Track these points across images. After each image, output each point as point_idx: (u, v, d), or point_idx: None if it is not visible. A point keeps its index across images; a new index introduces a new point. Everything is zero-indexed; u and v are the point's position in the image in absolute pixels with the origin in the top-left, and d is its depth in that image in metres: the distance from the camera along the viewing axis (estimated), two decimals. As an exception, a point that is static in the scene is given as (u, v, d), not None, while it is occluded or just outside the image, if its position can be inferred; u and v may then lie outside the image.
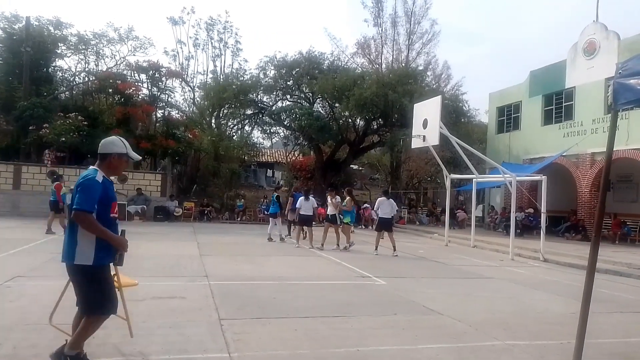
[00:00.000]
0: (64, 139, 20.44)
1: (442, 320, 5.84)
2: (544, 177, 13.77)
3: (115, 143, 3.69)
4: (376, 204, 13.35)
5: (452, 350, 4.65)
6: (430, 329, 5.38)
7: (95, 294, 3.48)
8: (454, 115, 23.70)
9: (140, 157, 3.91)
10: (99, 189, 3.43)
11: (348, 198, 13.62)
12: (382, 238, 12.59)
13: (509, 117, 23.28)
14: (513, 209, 14.39)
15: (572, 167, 19.05)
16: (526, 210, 19.81)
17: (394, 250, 12.25)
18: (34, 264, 8.28)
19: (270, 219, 14.70)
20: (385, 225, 12.64)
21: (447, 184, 16.78)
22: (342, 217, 13.32)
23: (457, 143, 14.22)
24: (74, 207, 3.34)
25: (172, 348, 4.31)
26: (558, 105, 20.21)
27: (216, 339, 4.64)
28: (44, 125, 20.35)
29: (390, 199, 13.06)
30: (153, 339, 4.52)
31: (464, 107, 26.20)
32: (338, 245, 13.05)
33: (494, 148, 23.72)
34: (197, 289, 6.89)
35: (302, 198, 13.63)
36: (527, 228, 18.99)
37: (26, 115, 20.94)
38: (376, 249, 12.43)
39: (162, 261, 9.47)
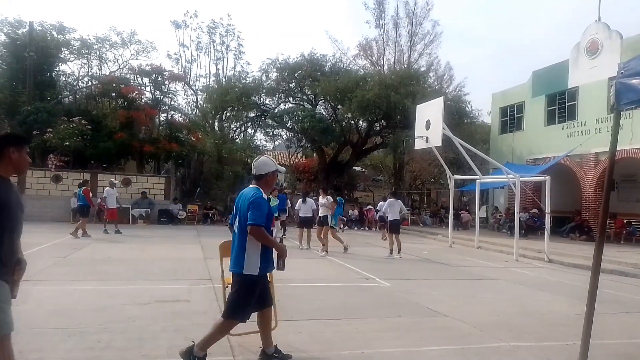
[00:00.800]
0: (67, 143, 20.52)
1: (447, 321, 5.82)
2: (547, 177, 13.73)
3: (268, 163, 4.06)
4: (385, 204, 13.16)
5: (457, 352, 4.64)
6: (435, 331, 5.36)
7: (248, 303, 3.85)
8: (457, 116, 23.67)
9: (285, 169, 4.29)
10: (266, 205, 3.87)
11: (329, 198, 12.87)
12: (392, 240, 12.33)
13: (512, 118, 23.24)
14: (517, 209, 14.34)
15: (576, 167, 19.00)
16: (530, 211, 19.76)
17: (399, 252, 12.20)
18: (38, 269, 8.30)
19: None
20: (397, 227, 12.45)
21: (451, 185, 16.74)
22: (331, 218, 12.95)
23: (460, 144, 14.19)
24: (249, 222, 3.73)
25: (177, 352, 4.30)
26: (561, 105, 20.16)
27: (221, 342, 4.61)
28: (48, 130, 20.43)
29: (399, 200, 12.99)
30: (158, 343, 4.53)
31: (466, 108, 26.18)
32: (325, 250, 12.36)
33: (497, 149, 23.67)
34: (202, 292, 6.90)
35: (300, 200, 13.56)
36: (532, 229, 18.93)
37: (30, 120, 21.04)
38: (391, 252, 12.17)
39: (166, 264, 9.49)
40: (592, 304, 3.78)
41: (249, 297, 3.84)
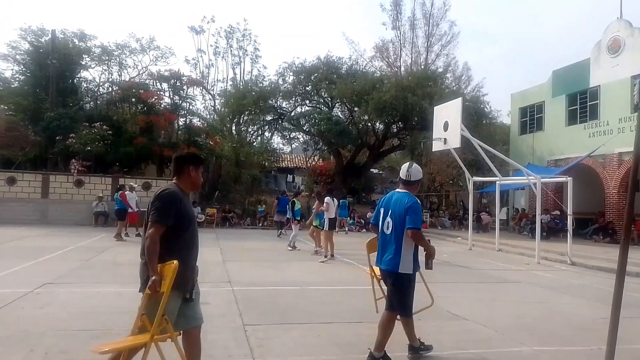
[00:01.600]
0: (89, 148, 20.95)
1: (467, 325, 5.76)
2: (569, 178, 13.48)
3: (420, 171, 4.44)
4: None
5: (478, 357, 4.58)
6: (456, 335, 5.31)
7: (410, 298, 4.23)
8: (475, 117, 23.45)
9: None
10: (421, 209, 4.23)
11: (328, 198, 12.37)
12: None
13: (532, 118, 22.90)
14: (538, 211, 14.09)
15: (599, 167, 18.61)
16: (552, 213, 19.41)
17: None
18: (63, 272, 8.48)
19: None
20: None
21: (470, 186, 16.56)
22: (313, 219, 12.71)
23: (479, 145, 14.03)
24: (410, 226, 4.04)
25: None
26: (582, 105, 19.79)
27: (240, 344, 4.66)
28: (70, 135, 20.89)
29: None
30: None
31: (485, 109, 25.93)
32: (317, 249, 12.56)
33: (517, 149, 23.34)
34: (221, 295, 6.95)
35: (317, 203, 13.50)
36: (553, 231, 18.58)
37: (53, 126, 21.53)
38: None
39: (185, 267, 9.56)
40: (618, 308, 3.69)
41: (412, 291, 4.23)
